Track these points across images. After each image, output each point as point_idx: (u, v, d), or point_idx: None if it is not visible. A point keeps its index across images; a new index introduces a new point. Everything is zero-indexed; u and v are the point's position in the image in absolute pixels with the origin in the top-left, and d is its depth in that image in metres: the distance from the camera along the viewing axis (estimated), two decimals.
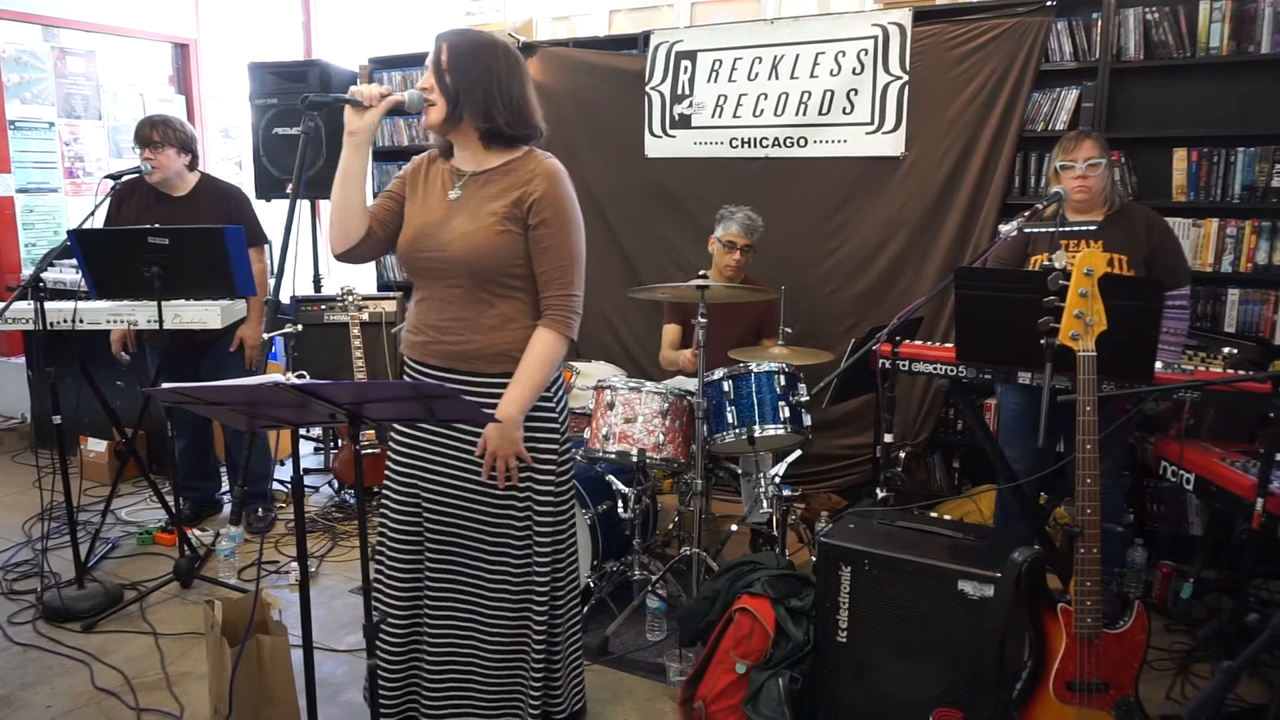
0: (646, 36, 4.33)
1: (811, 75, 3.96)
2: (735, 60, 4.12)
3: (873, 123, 3.89)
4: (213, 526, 3.87)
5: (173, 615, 3.16)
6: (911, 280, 3.89)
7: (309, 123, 2.05)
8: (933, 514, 2.66)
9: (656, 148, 4.37)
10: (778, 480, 3.24)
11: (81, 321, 3.22)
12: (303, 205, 4.90)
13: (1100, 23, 3.47)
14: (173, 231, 3.13)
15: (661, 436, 3.08)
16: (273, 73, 4.80)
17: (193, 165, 3.71)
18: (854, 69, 3.88)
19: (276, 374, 1.84)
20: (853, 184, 3.97)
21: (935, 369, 2.77)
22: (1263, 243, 3.31)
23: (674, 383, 3.58)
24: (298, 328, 3.95)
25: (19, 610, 3.17)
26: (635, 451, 3.07)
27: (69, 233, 3.17)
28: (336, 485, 4.38)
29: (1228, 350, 2.60)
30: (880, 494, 2.96)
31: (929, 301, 3.09)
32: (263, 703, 2.29)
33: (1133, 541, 3.27)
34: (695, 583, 2.99)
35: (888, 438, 2.99)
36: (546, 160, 2.07)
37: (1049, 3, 3.53)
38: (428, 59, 2.03)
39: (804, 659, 2.37)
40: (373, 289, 5.22)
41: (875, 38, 3.83)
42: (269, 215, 4.30)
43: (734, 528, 3.35)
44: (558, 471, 2.16)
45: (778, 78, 4.03)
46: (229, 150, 6.69)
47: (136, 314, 3.29)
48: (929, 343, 2.93)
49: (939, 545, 2.29)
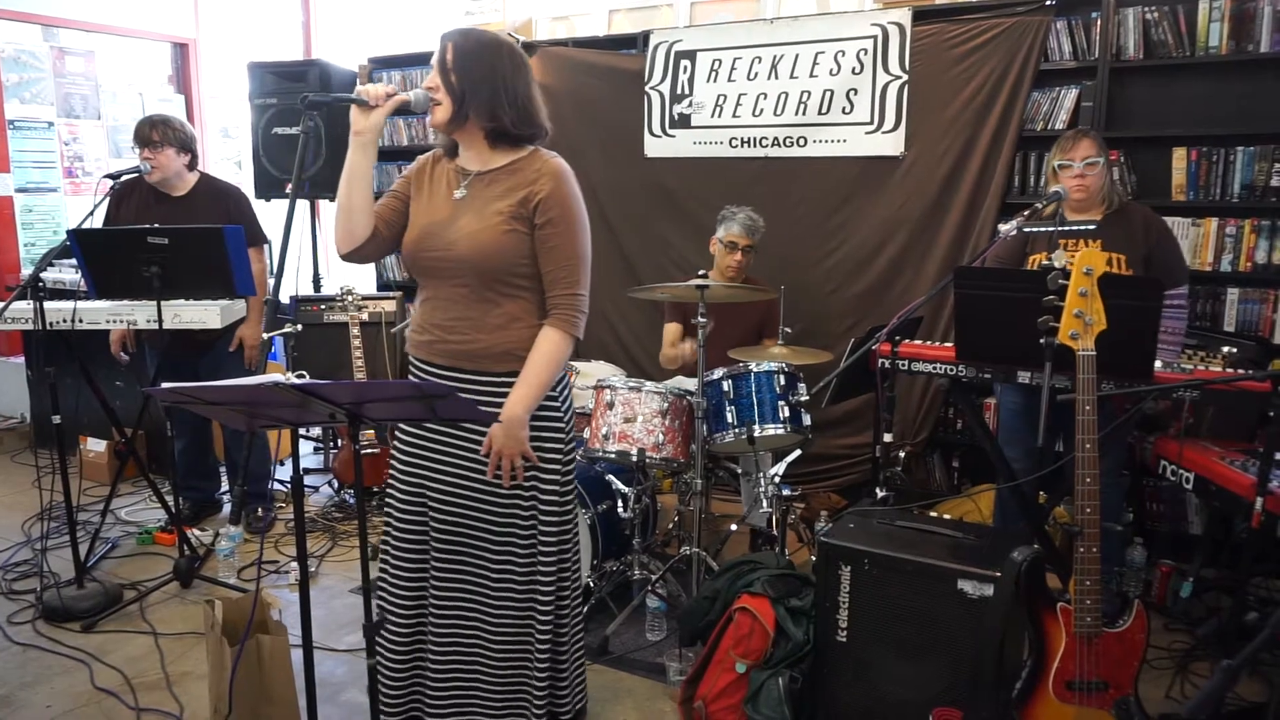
0: (646, 36, 4.33)
1: (811, 75, 3.96)
2: (735, 60, 4.11)
3: (872, 122, 3.89)
4: (212, 526, 3.87)
5: (172, 615, 3.16)
6: (911, 280, 3.89)
7: (309, 122, 2.04)
8: (932, 513, 2.66)
9: (656, 147, 4.37)
10: (777, 480, 3.24)
11: (81, 321, 3.22)
12: (302, 205, 4.91)
13: (1100, 22, 3.47)
14: (172, 231, 3.13)
15: (661, 436, 3.08)
16: (272, 72, 4.79)
17: (192, 165, 3.71)
18: (853, 68, 3.88)
19: (276, 374, 1.83)
20: (852, 183, 3.97)
21: (935, 368, 2.77)
22: (1262, 242, 3.31)
23: (674, 382, 3.58)
24: (297, 327, 3.95)
25: (19, 610, 3.17)
26: (635, 451, 3.07)
27: (68, 232, 3.16)
28: (336, 485, 4.38)
29: (1227, 349, 2.60)
30: (880, 493, 2.96)
31: (928, 301, 3.09)
32: (263, 702, 2.29)
33: (1132, 540, 3.28)
34: (695, 582, 3.00)
35: (887, 437, 2.99)
36: (552, 160, 2.07)
37: (1048, 2, 3.53)
38: (433, 58, 2.03)
39: (804, 658, 2.37)
40: (372, 289, 5.21)
41: (875, 37, 3.83)
42: (268, 215, 4.30)
43: (734, 527, 3.35)
44: (563, 471, 2.16)
45: (777, 77, 4.03)
46: (228, 150, 6.69)
47: (136, 314, 3.29)
48: (928, 342, 2.93)
49: (939, 545, 2.29)
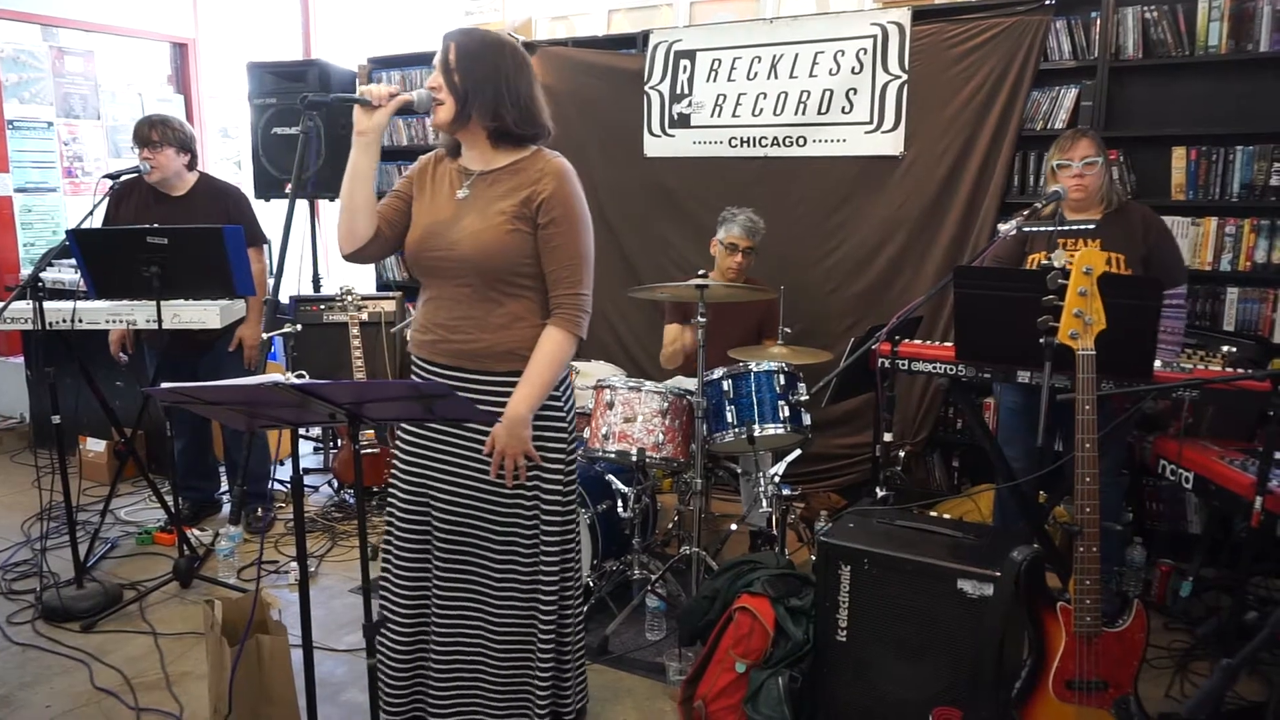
0: (645, 36, 4.33)
1: (810, 74, 3.96)
2: (734, 60, 4.11)
3: (872, 122, 3.89)
4: (212, 526, 3.86)
5: (172, 615, 3.16)
6: (910, 279, 3.89)
7: (308, 122, 2.04)
8: (932, 513, 2.66)
9: (656, 147, 4.37)
10: (777, 479, 3.24)
11: (80, 321, 3.22)
12: (302, 205, 4.91)
13: (1099, 21, 3.47)
14: (171, 231, 3.13)
15: (661, 436, 3.08)
16: (271, 72, 4.79)
17: (191, 165, 3.70)
18: (853, 68, 3.88)
19: (276, 374, 1.84)
20: (852, 183, 3.97)
21: (934, 368, 2.77)
22: (1261, 241, 3.31)
23: (673, 382, 3.58)
24: (297, 327, 3.95)
25: (18, 610, 3.17)
26: (635, 451, 3.07)
27: (68, 232, 3.16)
28: (336, 485, 4.38)
29: (1226, 349, 2.60)
30: (880, 493, 2.96)
31: (928, 300, 3.09)
32: (262, 702, 2.29)
33: (1132, 540, 3.28)
34: (695, 582, 2.99)
35: (887, 437, 2.99)
36: (555, 159, 2.06)
37: (1048, 1, 3.53)
38: (436, 58, 2.03)
39: (803, 658, 2.37)
40: (372, 289, 5.21)
41: (874, 37, 3.83)
42: (268, 215, 4.30)
43: (733, 527, 3.35)
44: (565, 470, 2.16)
45: (777, 77, 4.03)
46: (228, 150, 6.69)
47: (135, 314, 3.29)
48: (928, 342, 2.93)
49: (938, 544, 2.29)
